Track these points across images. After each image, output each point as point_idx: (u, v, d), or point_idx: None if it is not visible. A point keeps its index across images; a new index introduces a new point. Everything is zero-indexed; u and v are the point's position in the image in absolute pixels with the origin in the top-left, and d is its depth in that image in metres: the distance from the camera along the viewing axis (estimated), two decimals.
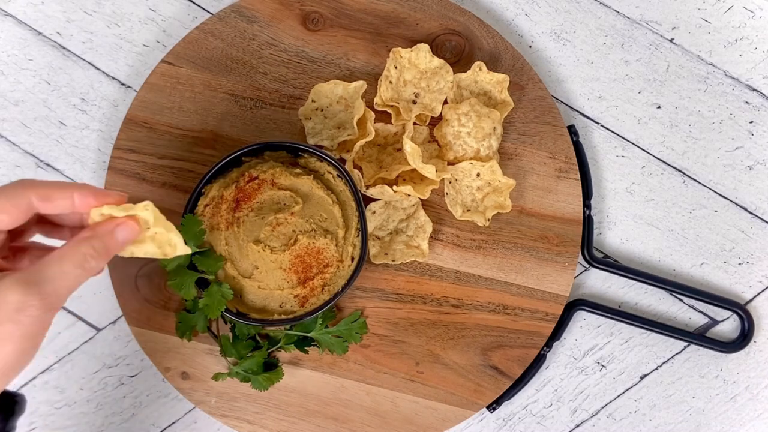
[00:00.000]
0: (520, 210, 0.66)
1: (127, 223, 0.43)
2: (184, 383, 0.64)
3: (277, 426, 0.64)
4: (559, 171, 0.66)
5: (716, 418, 0.68)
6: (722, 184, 0.69)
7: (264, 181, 0.58)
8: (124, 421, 0.66)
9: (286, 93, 0.66)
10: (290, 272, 0.58)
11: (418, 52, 0.64)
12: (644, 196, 0.69)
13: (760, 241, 0.69)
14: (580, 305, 0.67)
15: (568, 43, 0.70)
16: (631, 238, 0.69)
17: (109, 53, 0.68)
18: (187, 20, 0.69)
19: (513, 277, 0.65)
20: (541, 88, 0.67)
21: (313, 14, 0.67)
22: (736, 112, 0.70)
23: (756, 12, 0.71)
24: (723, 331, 0.69)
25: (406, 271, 0.65)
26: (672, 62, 0.70)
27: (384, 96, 0.64)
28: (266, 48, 0.66)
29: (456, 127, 0.63)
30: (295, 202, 0.59)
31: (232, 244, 0.59)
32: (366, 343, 0.64)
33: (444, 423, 0.64)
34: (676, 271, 0.69)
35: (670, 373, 0.68)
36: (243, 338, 0.62)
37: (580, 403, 0.68)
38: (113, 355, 0.66)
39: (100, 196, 0.43)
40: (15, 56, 0.68)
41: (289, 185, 0.59)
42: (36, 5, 0.68)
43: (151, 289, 0.64)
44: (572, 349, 0.68)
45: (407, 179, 0.63)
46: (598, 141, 0.70)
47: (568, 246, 0.65)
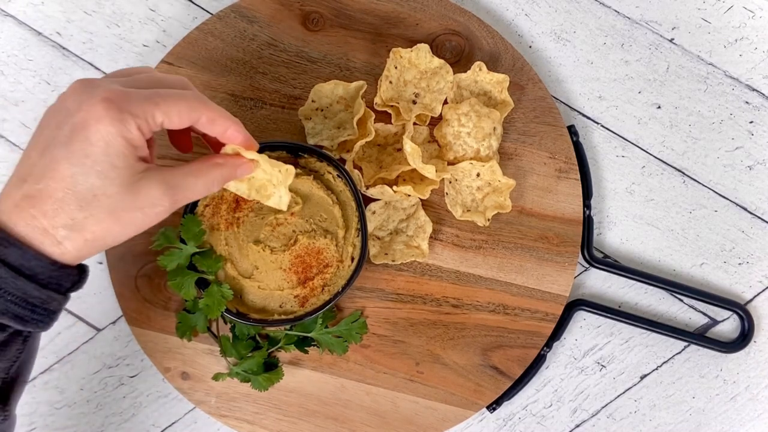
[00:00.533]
0: (520, 210, 0.66)
1: (249, 165, 0.50)
2: (184, 383, 0.64)
3: (277, 426, 0.64)
4: (559, 171, 0.66)
5: (716, 418, 0.68)
6: (722, 184, 0.70)
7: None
8: (124, 421, 0.66)
9: (286, 93, 0.66)
10: (290, 272, 0.58)
11: (418, 52, 0.64)
12: (644, 196, 0.69)
13: (760, 241, 0.69)
14: (580, 305, 0.67)
15: (568, 43, 0.70)
16: (631, 238, 0.69)
17: (109, 53, 0.68)
18: (187, 20, 0.69)
19: (513, 277, 0.65)
20: (541, 88, 0.67)
21: (313, 14, 0.67)
22: (736, 112, 0.70)
23: (756, 12, 0.71)
24: (723, 331, 0.69)
25: (406, 271, 0.65)
26: (672, 62, 0.70)
27: (384, 96, 0.64)
28: (266, 48, 0.66)
29: (456, 127, 0.63)
30: (295, 203, 0.59)
31: (232, 245, 0.59)
32: (366, 343, 0.64)
33: (444, 423, 0.64)
34: (676, 271, 0.69)
35: (670, 373, 0.68)
36: (243, 338, 0.62)
37: (580, 403, 0.68)
38: (113, 355, 0.66)
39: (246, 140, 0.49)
40: (15, 56, 0.68)
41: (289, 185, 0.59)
42: (36, 5, 0.68)
43: (151, 289, 0.64)
44: (572, 349, 0.68)
45: (407, 179, 0.63)
46: (598, 141, 0.70)
47: (568, 246, 0.65)
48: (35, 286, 0.43)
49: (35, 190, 0.42)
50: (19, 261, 0.42)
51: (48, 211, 0.41)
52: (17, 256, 0.42)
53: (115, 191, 0.42)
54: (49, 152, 0.42)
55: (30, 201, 0.42)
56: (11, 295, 0.42)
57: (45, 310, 0.44)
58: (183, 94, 0.45)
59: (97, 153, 0.41)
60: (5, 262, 0.42)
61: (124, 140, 0.42)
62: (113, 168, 0.42)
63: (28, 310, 0.43)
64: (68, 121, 0.42)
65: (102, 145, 0.41)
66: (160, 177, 0.44)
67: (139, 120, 0.42)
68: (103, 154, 0.41)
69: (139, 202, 0.43)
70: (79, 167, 0.41)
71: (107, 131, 0.41)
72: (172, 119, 0.44)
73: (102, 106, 0.41)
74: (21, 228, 0.42)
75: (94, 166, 0.41)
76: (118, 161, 0.42)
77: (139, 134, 0.43)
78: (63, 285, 0.44)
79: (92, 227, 0.42)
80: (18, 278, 0.42)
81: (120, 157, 0.42)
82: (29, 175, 0.42)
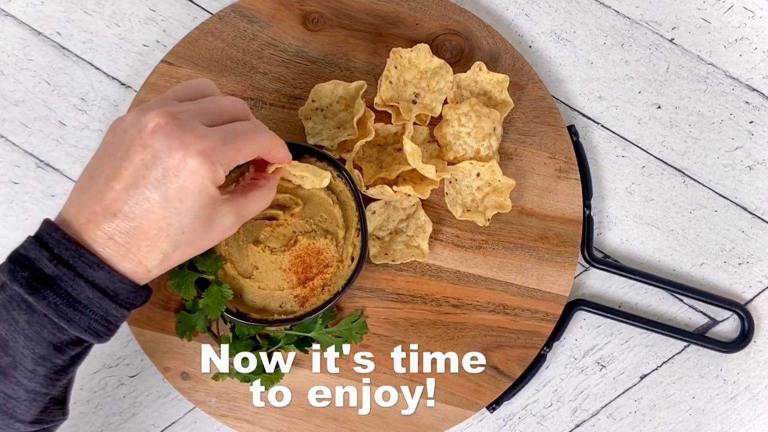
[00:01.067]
0: (520, 210, 0.66)
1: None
2: (184, 383, 0.64)
3: (277, 426, 0.64)
4: (559, 171, 0.66)
5: (716, 418, 0.68)
6: (722, 184, 0.70)
7: None
8: (124, 421, 0.66)
9: (286, 93, 0.66)
10: (290, 272, 0.58)
11: (418, 52, 0.64)
12: (644, 196, 0.69)
13: (760, 241, 0.69)
14: (580, 305, 0.67)
15: (568, 43, 0.70)
16: (631, 238, 0.69)
17: (109, 53, 0.68)
18: (187, 20, 0.69)
19: (513, 277, 0.65)
20: (541, 88, 0.67)
21: (313, 14, 0.67)
22: (736, 112, 0.70)
23: (756, 12, 0.71)
24: (723, 331, 0.69)
25: (406, 271, 0.65)
26: (672, 62, 0.70)
27: (384, 96, 0.64)
28: (266, 48, 0.66)
29: (456, 127, 0.63)
30: (295, 204, 0.59)
31: (231, 245, 0.59)
32: (366, 343, 0.64)
33: (444, 423, 0.64)
34: (676, 271, 0.69)
35: (670, 373, 0.68)
36: (243, 338, 0.62)
37: (580, 403, 0.68)
38: (113, 355, 0.66)
39: (288, 158, 0.53)
40: (15, 56, 0.68)
41: (289, 186, 0.59)
42: (36, 5, 0.68)
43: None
44: (572, 349, 0.68)
45: (407, 179, 0.63)
46: (598, 141, 0.70)
47: (568, 246, 0.65)
48: (116, 306, 0.46)
49: (130, 228, 0.45)
50: (105, 283, 0.45)
51: (143, 247, 0.46)
52: (105, 279, 0.45)
53: (200, 228, 0.47)
54: (141, 192, 0.45)
55: (124, 237, 0.45)
56: (95, 314, 0.46)
57: (116, 325, 0.48)
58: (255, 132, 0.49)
59: (190, 200, 0.45)
60: (94, 284, 0.45)
61: (214, 186, 0.46)
62: (202, 209, 0.46)
63: (105, 327, 0.47)
64: (158, 165, 0.45)
65: (196, 193, 0.45)
66: (233, 208, 0.49)
67: (227, 166, 0.47)
68: (196, 201, 0.45)
69: (215, 233, 0.48)
70: (173, 211, 0.45)
71: (203, 183, 0.45)
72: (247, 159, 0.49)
73: (198, 161, 0.45)
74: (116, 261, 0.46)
75: (188, 212, 0.46)
76: (207, 204, 0.46)
77: (224, 177, 0.47)
78: (135, 304, 0.48)
79: (177, 258, 0.48)
80: (103, 299, 0.46)
81: (209, 200, 0.46)
82: (119, 212, 0.45)
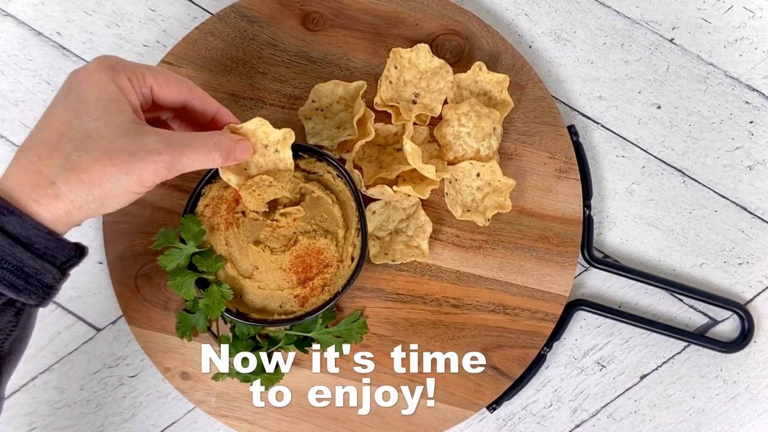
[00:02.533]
0: (520, 210, 0.66)
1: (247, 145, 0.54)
2: (184, 383, 0.64)
3: (277, 426, 0.64)
4: (559, 171, 0.66)
5: (716, 418, 0.68)
6: (722, 184, 0.70)
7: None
8: (124, 421, 0.66)
9: (286, 93, 0.66)
10: (290, 272, 0.58)
11: (418, 52, 0.64)
12: (644, 196, 0.69)
13: (760, 241, 0.69)
14: (580, 305, 0.67)
15: (568, 43, 0.70)
16: (631, 238, 0.69)
17: (109, 53, 0.68)
18: (187, 20, 0.69)
19: (513, 277, 0.65)
20: (541, 88, 0.67)
21: (313, 14, 0.67)
22: (736, 112, 0.70)
23: (756, 12, 0.71)
24: (723, 331, 0.69)
25: (406, 271, 0.65)
26: (672, 62, 0.70)
27: (384, 96, 0.64)
28: (266, 48, 0.66)
29: (456, 127, 0.63)
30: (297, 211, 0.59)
31: (232, 245, 0.59)
32: (366, 343, 0.64)
33: (444, 423, 0.64)
34: (676, 271, 0.69)
35: (670, 373, 0.68)
36: (243, 338, 0.62)
37: (580, 403, 0.68)
38: (113, 355, 0.66)
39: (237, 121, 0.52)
40: (15, 56, 0.68)
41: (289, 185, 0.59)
42: (36, 5, 0.68)
43: (151, 289, 0.64)
44: (572, 349, 0.68)
45: (407, 179, 0.63)
46: (598, 141, 0.70)
47: (568, 246, 0.65)
48: (31, 256, 0.43)
49: (32, 142, 0.44)
50: (17, 229, 0.43)
51: (43, 154, 0.43)
52: (16, 225, 0.43)
53: (109, 132, 0.44)
54: (48, 110, 0.44)
55: (26, 151, 0.43)
56: (7, 263, 0.43)
57: (39, 282, 0.45)
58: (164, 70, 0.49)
59: (90, 98, 0.43)
60: (4, 230, 0.43)
61: (116, 86, 0.44)
62: (106, 111, 0.44)
63: (22, 279, 0.44)
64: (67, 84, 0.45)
65: (95, 91, 0.44)
66: (161, 131, 0.46)
67: (130, 74, 0.45)
68: (96, 99, 0.43)
69: (136, 146, 0.44)
70: (74, 112, 0.43)
71: (99, 78, 0.44)
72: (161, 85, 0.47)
73: (95, 62, 0.46)
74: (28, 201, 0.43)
75: (88, 111, 0.43)
76: (111, 105, 0.44)
77: (130, 86, 0.45)
78: (58, 258, 0.45)
79: (86, 166, 0.43)
80: (15, 246, 0.43)
81: (112, 102, 0.44)
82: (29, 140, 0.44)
